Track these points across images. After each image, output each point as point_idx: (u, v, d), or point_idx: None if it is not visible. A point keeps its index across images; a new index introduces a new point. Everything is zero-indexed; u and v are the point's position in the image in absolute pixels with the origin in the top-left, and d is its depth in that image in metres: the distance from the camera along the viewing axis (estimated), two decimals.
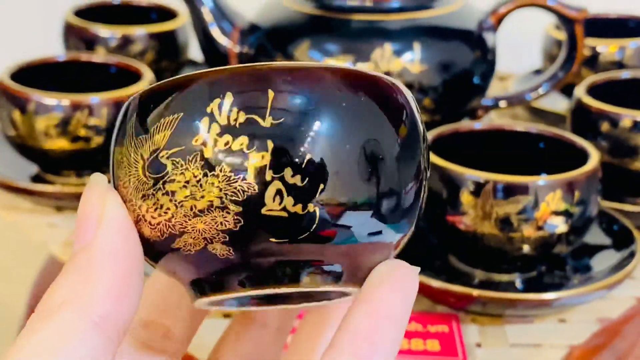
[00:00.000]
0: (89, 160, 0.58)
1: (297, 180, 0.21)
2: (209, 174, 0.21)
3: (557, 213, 0.46)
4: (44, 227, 0.57)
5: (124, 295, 0.21)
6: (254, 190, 0.21)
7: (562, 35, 0.66)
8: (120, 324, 0.21)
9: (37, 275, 0.69)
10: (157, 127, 0.22)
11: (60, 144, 0.56)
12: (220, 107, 0.21)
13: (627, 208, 0.55)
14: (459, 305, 0.47)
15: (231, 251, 0.21)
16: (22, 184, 0.57)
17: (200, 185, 0.21)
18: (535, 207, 0.45)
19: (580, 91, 0.59)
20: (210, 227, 0.21)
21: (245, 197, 0.21)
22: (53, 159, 0.57)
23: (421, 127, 0.23)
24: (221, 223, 0.21)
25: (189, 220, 0.21)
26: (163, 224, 0.21)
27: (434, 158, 0.48)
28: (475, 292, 0.45)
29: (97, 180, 0.23)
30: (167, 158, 0.21)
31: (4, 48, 0.92)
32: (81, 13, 0.75)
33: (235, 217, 0.21)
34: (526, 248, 0.46)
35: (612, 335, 0.53)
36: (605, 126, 0.56)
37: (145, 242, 0.22)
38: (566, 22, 0.62)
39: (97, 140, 0.57)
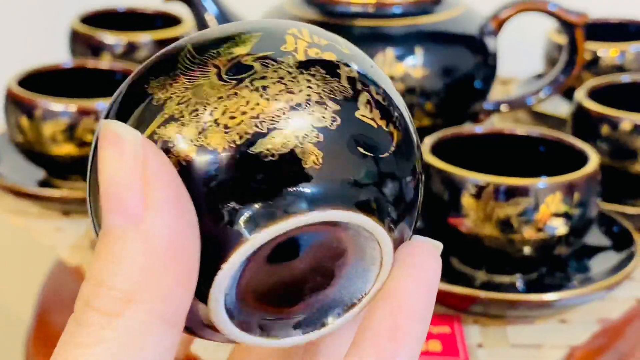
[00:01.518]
0: None
1: (380, 98, 0.20)
2: (305, 72, 0.20)
3: (557, 215, 0.46)
4: (51, 231, 0.58)
5: (188, 284, 0.18)
6: (349, 92, 0.20)
7: (563, 40, 0.67)
8: (185, 312, 0.19)
9: (44, 279, 0.70)
10: (230, 44, 0.20)
11: (67, 149, 0.57)
12: (300, 31, 0.21)
13: (628, 210, 0.56)
14: (461, 307, 0.47)
15: (319, 159, 0.19)
16: (29, 189, 0.58)
17: (297, 80, 0.19)
18: (536, 209, 0.46)
19: (580, 95, 0.59)
20: (306, 123, 0.19)
21: (341, 96, 0.20)
22: (60, 164, 0.58)
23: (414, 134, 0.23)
24: (318, 119, 0.19)
25: (284, 113, 0.19)
26: (246, 122, 0.19)
27: (436, 161, 0.49)
28: (477, 294, 0.46)
29: (123, 132, 0.18)
30: (254, 60, 0.19)
31: (11, 55, 0.93)
32: (87, 20, 0.76)
33: (332, 115, 0.19)
34: (527, 249, 0.47)
35: (614, 336, 0.53)
36: (605, 129, 0.57)
37: (208, 156, 0.19)
38: (567, 26, 0.63)
39: None
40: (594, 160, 0.49)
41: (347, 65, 0.20)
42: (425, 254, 0.21)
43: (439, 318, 0.48)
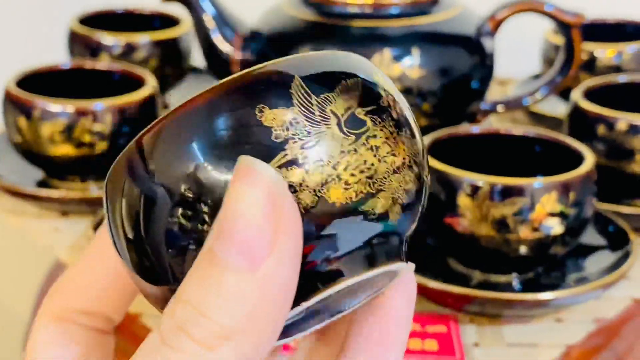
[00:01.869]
0: (94, 165, 0.59)
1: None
2: (399, 132, 0.21)
3: (552, 214, 0.46)
4: (49, 231, 0.58)
5: (279, 331, 0.19)
6: (422, 156, 0.22)
7: (560, 40, 0.67)
8: (265, 357, 0.19)
9: (43, 279, 0.70)
10: (342, 88, 0.21)
11: (65, 149, 0.57)
12: (382, 78, 0.22)
13: (623, 210, 0.56)
14: (457, 306, 0.48)
15: (400, 213, 0.21)
16: (27, 190, 0.58)
17: (396, 142, 0.21)
18: (531, 208, 0.46)
19: (577, 95, 0.59)
20: (399, 186, 0.21)
21: (420, 158, 0.22)
22: (58, 164, 0.58)
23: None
24: (406, 182, 0.21)
25: (388, 176, 0.21)
26: (363, 181, 0.20)
27: (432, 162, 0.49)
28: (473, 293, 0.46)
29: (262, 170, 0.18)
30: (365, 115, 0.20)
31: (10, 56, 0.93)
32: (86, 21, 0.76)
33: (414, 178, 0.21)
34: (523, 249, 0.47)
35: (610, 335, 0.54)
36: (601, 129, 0.57)
37: (326, 208, 0.20)
38: (563, 27, 0.63)
39: (102, 145, 0.58)
40: (589, 160, 0.49)
41: (416, 123, 0.22)
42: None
43: (436, 317, 0.48)
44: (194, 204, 0.20)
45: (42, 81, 0.63)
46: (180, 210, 0.20)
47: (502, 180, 0.46)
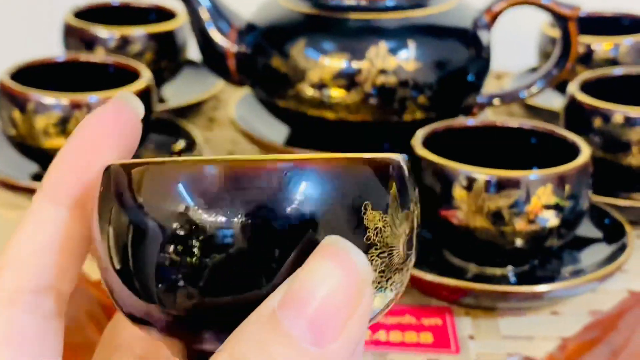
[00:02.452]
0: None
1: None
2: (397, 273, 0.22)
3: (548, 207, 0.46)
4: None
5: None
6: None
7: (557, 33, 0.67)
8: None
9: None
10: (414, 203, 0.23)
11: (60, 142, 0.57)
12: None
13: (620, 203, 0.56)
14: (452, 299, 0.48)
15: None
16: (22, 183, 0.58)
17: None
18: (527, 201, 0.46)
19: (573, 88, 0.59)
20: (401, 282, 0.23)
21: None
22: (53, 157, 0.58)
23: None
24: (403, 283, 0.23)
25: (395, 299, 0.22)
26: (392, 299, 0.22)
27: (428, 154, 0.49)
28: (469, 285, 0.46)
29: (357, 260, 0.19)
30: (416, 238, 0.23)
31: (5, 49, 0.92)
32: (81, 14, 0.76)
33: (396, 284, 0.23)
34: (518, 242, 0.47)
35: (607, 329, 0.53)
36: (597, 122, 0.57)
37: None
38: (560, 19, 0.63)
39: None
40: (585, 152, 0.49)
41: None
42: None
43: (431, 310, 0.48)
44: (187, 241, 0.20)
45: (36, 74, 0.62)
46: (172, 247, 0.20)
47: (497, 173, 0.46)
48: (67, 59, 0.65)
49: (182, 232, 0.20)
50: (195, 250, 0.20)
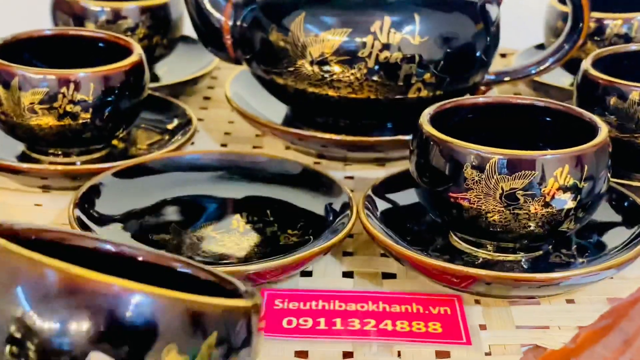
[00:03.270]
0: (77, 137, 0.56)
1: None
2: None
3: (564, 189, 0.44)
4: (30, 207, 0.55)
5: None
6: None
7: (566, 8, 0.64)
8: None
9: None
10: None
11: (46, 120, 0.54)
12: None
13: (637, 184, 0.53)
14: (462, 286, 0.45)
15: None
16: (8, 163, 0.55)
17: None
18: (542, 182, 0.43)
19: (586, 64, 0.56)
20: None
21: None
22: (39, 136, 0.55)
23: None
24: None
25: None
26: None
27: (436, 133, 0.46)
28: (479, 272, 0.43)
29: None
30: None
31: None
32: None
33: None
34: (532, 225, 0.44)
35: (619, 317, 0.51)
36: (613, 100, 0.54)
37: None
38: None
39: (84, 116, 0.54)
40: (604, 131, 0.46)
41: None
42: None
43: (438, 298, 0.45)
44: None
45: (23, 49, 0.59)
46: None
47: (511, 153, 0.43)
48: (55, 33, 0.62)
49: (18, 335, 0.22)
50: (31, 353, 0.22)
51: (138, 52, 0.58)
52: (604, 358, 0.51)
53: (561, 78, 0.71)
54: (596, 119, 0.48)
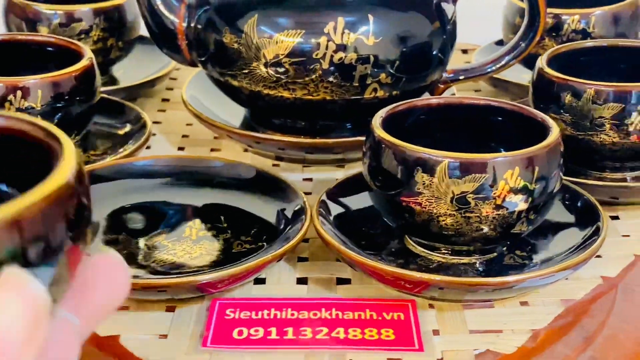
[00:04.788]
0: None
1: None
2: None
3: (516, 191, 0.43)
4: None
5: None
6: None
7: (524, 4, 0.63)
8: None
9: None
10: None
11: None
12: None
13: (592, 182, 0.53)
14: (415, 291, 0.44)
15: None
16: None
17: None
18: (493, 185, 0.43)
19: (541, 62, 0.56)
20: None
21: None
22: None
23: None
24: None
25: None
26: None
27: (387, 137, 0.45)
28: (433, 277, 0.43)
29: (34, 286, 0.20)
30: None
31: None
32: None
33: None
34: (484, 228, 0.44)
35: (579, 314, 0.51)
36: (568, 98, 0.53)
37: None
38: None
39: None
40: (555, 131, 0.46)
41: None
42: None
43: (393, 303, 0.45)
44: None
45: None
46: None
47: (461, 156, 0.43)
48: (4, 38, 0.61)
49: None
50: None
51: (89, 56, 0.57)
52: (564, 356, 0.51)
53: (521, 74, 0.71)
54: (548, 119, 0.47)
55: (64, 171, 0.23)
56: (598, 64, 0.59)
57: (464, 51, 0.83)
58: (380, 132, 0.46)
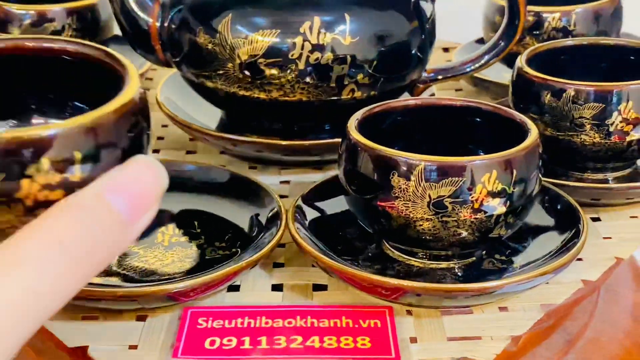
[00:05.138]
0: None
1: None
2: None
3: (494, 194, 0.42)
4: None
5: None
6: None
7: (503, 2, 0.62)
8: None
9: None
10: None
11: None
12: None
13: (573, 184, 0.52)
14: (392, 298, 0.43)
15: None
16: None
17: None
18: (470, 189, 0.42)
19: (521, 61, 0.55)
20: None
21: None
22: None
23: None
24: None
25: None
26: None
27: (363, 140, 0.44)
28: (409, 284, 0.42)
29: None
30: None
31: None
32: None
33: None
34: (462, 232, 0.43)
35: (561, 316, 0.50)
36: (548, 98, 0.53)
37: None
38: None
39: None
40: (533, 133, 0.45)
41: None
42: None
43: (369, 310, 0.44)
44: None
45: None
46: None
47: (437, 159, 0.42)
48: None
49: None
50: None
51: None
52: None
53: (502, 73, 0.70)
54: (527, 120, 0.46)
55: (131, 91, 0.30)
56: (579, 62, 0.58)
57: (445, 49, 0.83)
58: (355, 135, 0.45)
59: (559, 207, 0.50)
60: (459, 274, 0.46)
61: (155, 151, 0.64)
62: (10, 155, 0.27)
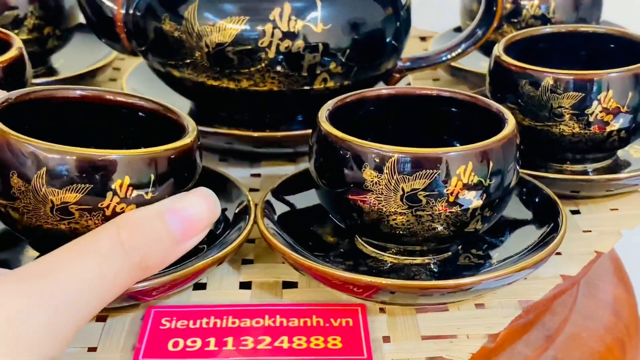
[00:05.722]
0: None
1: None
2: None
3: (469, 187, 0.41)
4: None
5: None
6: None
7: None
8: None
9: None
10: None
11: None
12: None
13: (552, 176, 0.51)
14: (365, 295, 0.42)
15: None
16: None
17: None
18: (446, 181, 0.40)
19: (498, 49, 0.53)
20: None
21: None
22: None
23: None
24: None
25: None
26: None
27: (333, 131, 0.42)
28: (382, 282, 0.40)
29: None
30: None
31: None
32: None
33: None
34: (437, 227, 0.41)
35: (541, 312, 0.48)
36: (525, 87, 0.51)
37: None
38: None
39: None
40: (510, 124, 0.43)
41: None
42: None
43: (341, 309, 0.42)
44: None
45: None
46: None
47: (410, 151, 0.40)
48: None
49: None
50: None
51: (18, 45, 0.53)
52: (525, 357, 0.48)
53: (479, 62, 0.69)
54: (504, 110, 0.45)
55: (192, 135, 0.41)
56: (558, 50, 0.56)
57: (423, 38, 0.81)
58: (326, 126, 0.43)
59: (537, 199, 0.48)
60: (434, 270, 0.44)
61: None
62: (101, 170, 0.35)
